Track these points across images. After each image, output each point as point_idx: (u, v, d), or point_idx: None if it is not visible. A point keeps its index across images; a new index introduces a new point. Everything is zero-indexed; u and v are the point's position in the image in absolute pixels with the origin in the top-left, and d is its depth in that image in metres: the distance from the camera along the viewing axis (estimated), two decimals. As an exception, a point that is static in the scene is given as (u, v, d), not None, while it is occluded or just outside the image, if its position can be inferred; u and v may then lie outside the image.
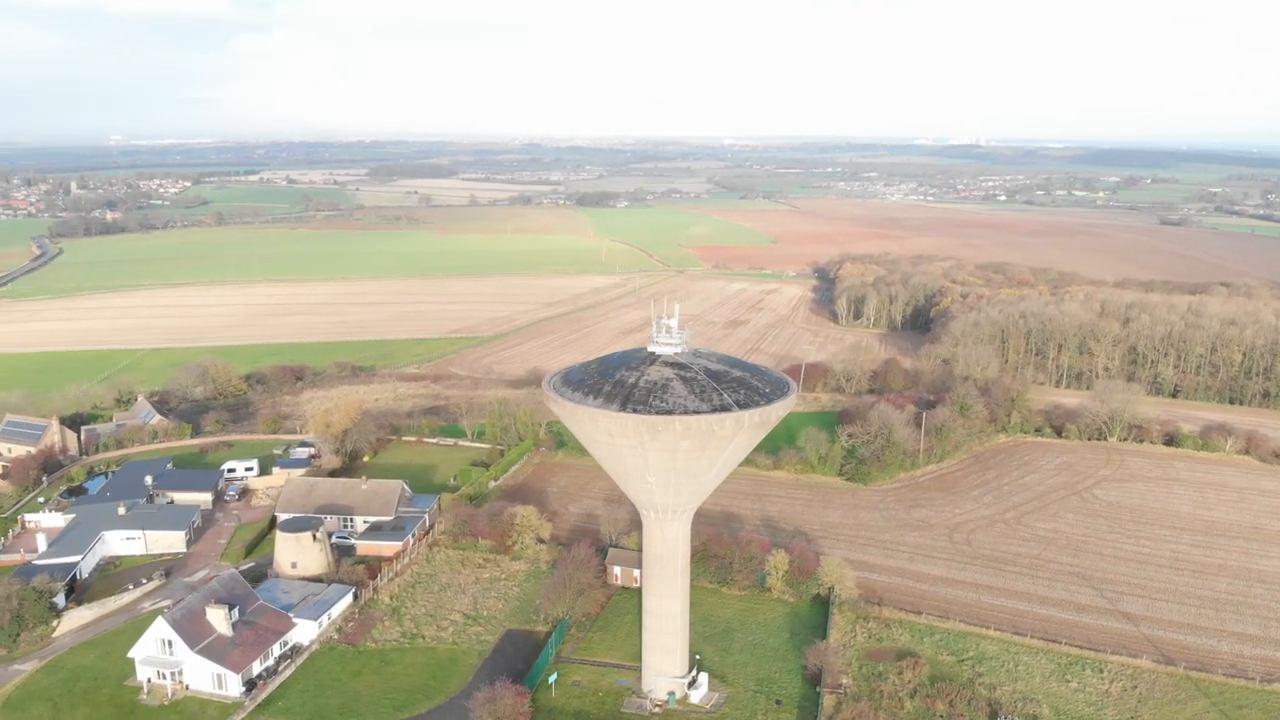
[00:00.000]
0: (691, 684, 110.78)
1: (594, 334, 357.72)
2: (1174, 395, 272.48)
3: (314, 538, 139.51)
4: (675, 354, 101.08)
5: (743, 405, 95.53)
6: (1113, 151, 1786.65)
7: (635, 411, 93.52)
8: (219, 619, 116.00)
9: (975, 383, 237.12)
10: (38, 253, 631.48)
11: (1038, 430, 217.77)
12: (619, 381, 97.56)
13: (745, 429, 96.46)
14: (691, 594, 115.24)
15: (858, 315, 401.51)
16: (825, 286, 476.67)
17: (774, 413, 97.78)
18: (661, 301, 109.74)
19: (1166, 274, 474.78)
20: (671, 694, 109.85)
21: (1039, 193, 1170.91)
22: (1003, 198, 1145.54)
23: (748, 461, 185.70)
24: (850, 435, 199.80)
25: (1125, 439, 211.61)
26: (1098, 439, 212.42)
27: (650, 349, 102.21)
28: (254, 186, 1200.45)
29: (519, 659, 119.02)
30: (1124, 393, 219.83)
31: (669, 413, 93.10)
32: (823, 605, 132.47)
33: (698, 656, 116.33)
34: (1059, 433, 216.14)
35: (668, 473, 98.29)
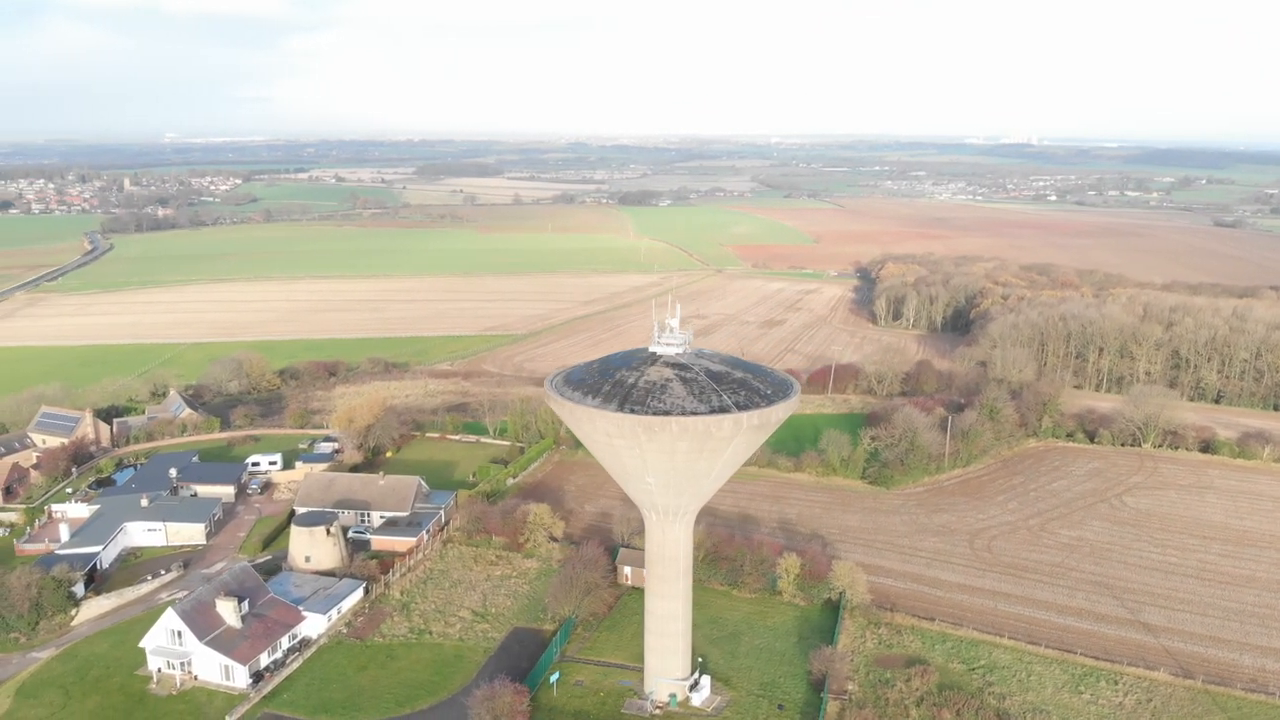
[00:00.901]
0: (693, 686, 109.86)
1: (627, 333, 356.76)
2: (1216, 401, 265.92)
3: (327, 532, 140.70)
4: (677, 354, 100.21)
5: (742, 407, 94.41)
6: (1168, 151, 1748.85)
7: (632, 412, 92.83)
8: (228, 611, 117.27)
9: (1009, 386, 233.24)
10: (89, 248, 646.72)
11: (1069, 435, 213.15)
12: (618, 381, 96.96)
13: (744, 431, 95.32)
14: (701, 596, 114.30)
15: (897, 316, 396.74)
16: (866, 287, 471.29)
17: (774, 415, 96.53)
18: (667, 303, 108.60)
19: (1218, 276, 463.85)
20: (673, 696, 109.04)
21: (1091, 193, 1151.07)
22: (1053, 198, 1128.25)
23: (768, 463, 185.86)
24: (874, 438, 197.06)
25: (1160, 445, 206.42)
26: (1131, 445, 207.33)
27: (651, 349, 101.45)
28: (303, 184, 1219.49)
29: (524, 657, 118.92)
30: (1160, 397, 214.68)
31: (666, 413, 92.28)
32: (834, 610, 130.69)
33: (700, 659, 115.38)
34: (1091, 438, 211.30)
35: (667, 474, 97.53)
